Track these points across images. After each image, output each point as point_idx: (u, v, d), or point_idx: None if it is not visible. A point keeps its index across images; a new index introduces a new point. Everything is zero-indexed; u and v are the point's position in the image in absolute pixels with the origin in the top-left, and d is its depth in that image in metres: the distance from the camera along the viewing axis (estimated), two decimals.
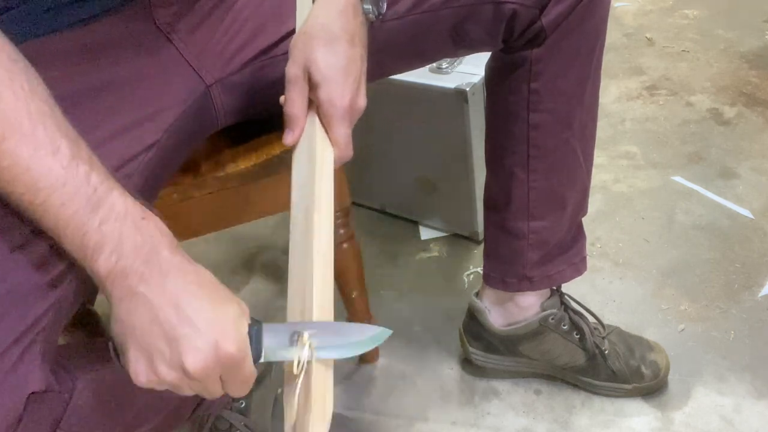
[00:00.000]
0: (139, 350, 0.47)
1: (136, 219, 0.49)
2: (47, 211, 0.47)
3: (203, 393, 0.50)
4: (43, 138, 0.47)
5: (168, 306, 0.47)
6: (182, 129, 0.67)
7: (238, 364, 0.49)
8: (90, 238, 0.47)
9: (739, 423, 0.92)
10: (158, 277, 0.47)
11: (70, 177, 0.47)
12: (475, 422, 0.97)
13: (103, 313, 1.26)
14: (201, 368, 0.47)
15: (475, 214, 1.22)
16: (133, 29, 0.66)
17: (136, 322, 0.47)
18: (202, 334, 0.47)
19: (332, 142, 0.62)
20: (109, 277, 0.47)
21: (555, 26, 0.71)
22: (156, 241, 0.49)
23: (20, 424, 0.47)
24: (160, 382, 0.48)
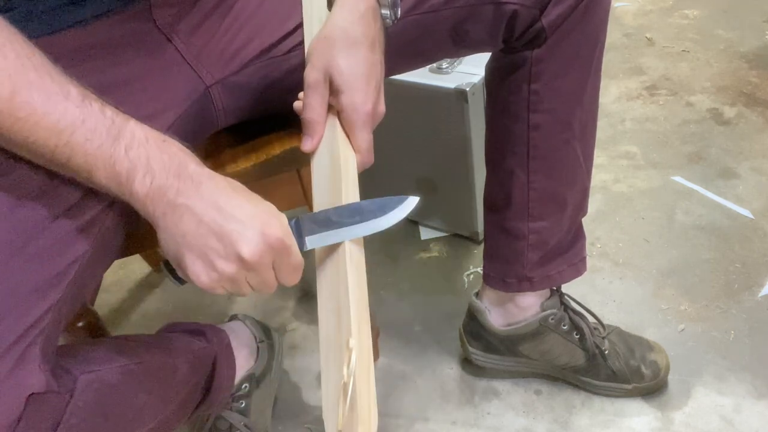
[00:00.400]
0: (194, 253, 0.51)
1: (158, 141, 0.52)
2: (74, 150, 0.49)
3: (260, 285, 0.54)
4: (52, 85, 0.49)
5: (210, 208, 0.51)
6: (182, 129, 0.67)
7: (287, 248, 0.53)
8: (120, 165, 0.50)
9: (739, 423, 0.92)
10: (193, 187, 0.51)
11: (86, 114, 0.50)
12: (475, 422, 0.97)
13: (103, 313, 1.26)
14: (255, 253, 0.51)
15: (475, 214, 1.22)
16: (134, 30, 0.66)
17: (184, 229, 0.51)
18: (248, 225, 0.51)
19: (354, 148, 0.62)
20: (148, 196, 0.51)
21: (555, 27, 0.71)
22: (181, 157, 0.52)
23: (20, 425, 0.47)
24: (220, 277, 0.51)
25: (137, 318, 1.26)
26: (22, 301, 0.49)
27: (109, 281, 1.35)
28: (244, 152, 0.77)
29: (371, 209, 0.58)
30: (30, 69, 0.49)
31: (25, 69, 0.49)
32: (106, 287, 1.33)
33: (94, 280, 0.62)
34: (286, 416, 1.02)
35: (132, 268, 1.37)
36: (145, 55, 0.67)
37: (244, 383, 0.91)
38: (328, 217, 0.57)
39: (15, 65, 0.48)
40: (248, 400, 0.92)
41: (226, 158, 0.77)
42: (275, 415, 1.01)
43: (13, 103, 0.48)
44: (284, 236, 0.53)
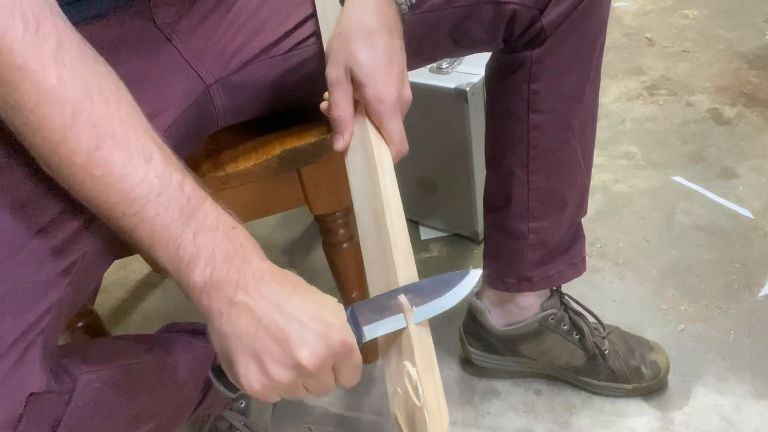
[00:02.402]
0: (248, 357, 0.47)
1: (228, 229, 0.49)
2: (141, 222, 0.46)
3: (318, 390, 0.50)
4: (136, 144, 0.46)
5: (270, 309, 0.47)
6: (182, 129, 0.67)
7: (350, 351, 0.49)
8: (185, 250, 0.47)
9: (739, 423, 0.92)
10: (254, 283, 0.47)
11: (164, 186, 0.46)
12: (475, 422, 0.97)
13: (103, 313, 1.26)
14: (316, 360, 0.46)
15: (475, 214, 1.22)
16: (133, 29, 0.66)
17: (240, 330, 0.46)
18: (310, 328, 0.47)
19: (386, 139, 0.61)
20: (206, 288, 0.47)
21: (555, 27, 0.71)
22: (246, 250, 0.48)
23: (20, 425, 0.47)
24: (275, 385, 0.47)
25: (137, 318, 1.26)
26: (22, 301, 0.49)
27: (109, 281, 1.35)
28: (244, 152, 0.77)
29: (431, 288, 0.54)
30: (116, 121, 0.45)
31: (112, 121, 0.45)
32: (106, 287, 1.33)
33: (94, 280, 0.61)
34: (286, 416, 1.02)
35: (132, 268, 1.37)
36: (144, 54, 0.66)
37: None
38: (387, 302, 0.52)
39: (102, 114, 0.45)
40: (248, 400, 0.92)
41: (226, 158, 0.77)
42: (275, 415, 1.01)
43: (92, 158, 0.45)
44: (347, 337, 0.48)
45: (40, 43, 0.44)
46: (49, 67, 0.44)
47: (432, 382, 0.50)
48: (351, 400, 1.04)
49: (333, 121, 0.62)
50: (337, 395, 1.05)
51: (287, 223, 1.40)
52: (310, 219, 1.38)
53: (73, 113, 0.44)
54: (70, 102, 0.44)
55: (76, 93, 0.44)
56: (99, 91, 0.46)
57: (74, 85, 0.44)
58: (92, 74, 0.46)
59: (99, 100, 0.45)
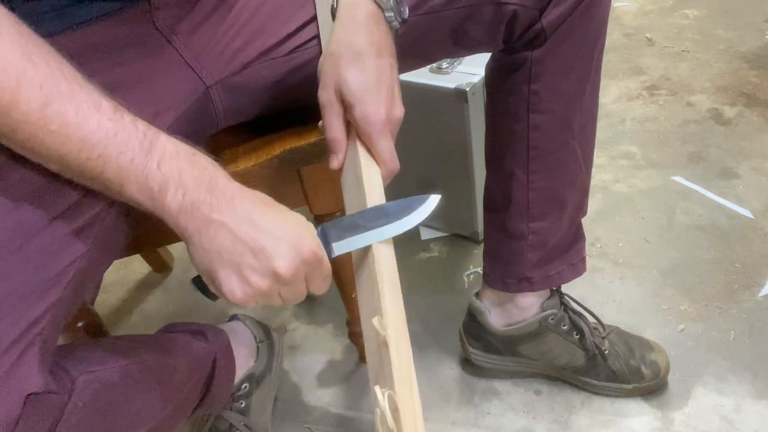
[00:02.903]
0: (229, 269, 0.51)
1: (188, 155, 0.52)
2: (107, 163, 0.49)
3: (291, 297, 0.54)
4: (83, 96, 0.49)
5: (244, 224, 0.51)
6: (182, 130, 0.67)
7: (320, 260, 0.54)
8: (153, 179, 0.50)
9: (739, 423, 0.92)
10: (225, 202, 0.51)
11: (119, 127, 0.49)
12: (475, 422, 0.97)
13: (103, 313, 1.26)
14: (291, 269, 0.51)
15: (475, 214, 1.22)
16: (134, 31, 0.66)
17: (219, 245, 0.51)
18: (283, 240, 0.51)
19: (377, 159, 0.62)
20: (181, 211, 0.51)
21: (555, 27, 0.71)
22: (212, 171, 0.52)
23: (18, 425, 0.46)
24: (255, 292, 0.52)
25: (137, 318, 1.26)
26: (20, 302, 0.49)
27: (109, 281, 1.35)
28: (244, 152, 0.77)
29: (395, 210, 0.59)
30: (60, 79, 0.48)
31: (56, 79, 0.48)
32: (106, 287, 1.33)
33: (94, 281, 0.61)
34: (286, 416, 1.02)
35: (132, 268, 1.37)
36: (145, 56, 0.66)
37: (244, 383, 0.91)
38: (354, 222, 0.57)
39: (45, 74, 0.47)
40: (248, 400, 0.92)
41: (226, 158, 0.77)
42: (275, 415, 1.01)
43: (44, 114, 0.47)
44: (317, 249, 0.53)
45: None
46: None
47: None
48: (351, 400, 1.04)
49: (327, 141, 0.63)
50: (337, 395, 1.05)
51: None
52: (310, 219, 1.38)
53: (17, 76, 0.46)
54: (12, 67, 0.46)
55: (17, 58, 0.46)
56: (38, 55, 0.48)
57: (13, 52, 0.46)
58: (30, 41, 0.48)
59: (40, 62, 0.47)
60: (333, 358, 1.11)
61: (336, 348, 1.13)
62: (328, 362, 1.10)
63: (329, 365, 1.10)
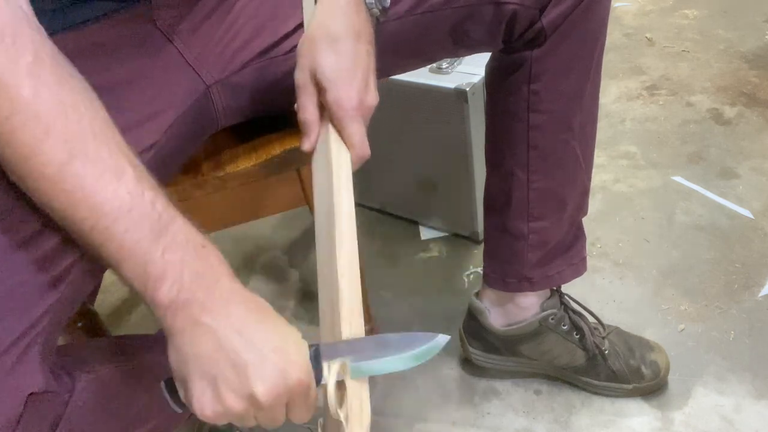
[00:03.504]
0: (204, 380, 0.46)
1: (198, 247, 0.48)
2: (110, 238, 0.46)
3: (267, 422, 0.49)
4: (108, 161, 0.46)
5: (233, 334, 0.46)
6: (182, 129, 0.67)
7: (306, 391, 0.48)
8: (153, 267, 0.46)
9: (739, 423, 0.92)
10: (220, 306, 0.47)
11: (135, 203, 0.46)
12: (475, 422, 0.97)
13: (103, 313, 1.26)
14: (271, 395, 0.46)
15: (475, 214, 1.22)
16: (134, 30, 0.66)
17: (200, 351, 0.46)
18: (270, 361, 0.46)
19: (347, 144, 0.61)
20: (171, 307, 0.46)
21: (555, 27, 0.71)
22: (216, 270, 0.48)
23: (19, 425, 0.46)
24: (226, 412, 0.46)
25: (137, 318, 1.26)
26: (21, 302, 0.49)
27: (109, 281, 1.34)
28: (244, 152, 0.77)
29: (397, 344, 0.52)
30: (89, 137, 0.45)
31: (85, 136, 0.45)
32: (106, 287, 1.33)
33: (94, 281, 0.61)
34: None
35: None
36: (145, 55, 0.66)
37: None
38: (351, 348, 0.51)
39: (75, 130, 0.45)
40: None
41: (226, 158, 0.77)
42: None
43: (63, 172, 0.44)
44: (305, 377, 0.47)
45: (15, 56, 0.44)
46: (24, 81, 0.44)
47: None
48: None
49: (300, 123, 0.63)
50: None
51: (287, 223, 1.40)
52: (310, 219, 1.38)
53: (46, 127, 0.44)
54: (44, 116, 0.44)
55: (51, 108, 0.44)
56: (73, 107, 0.45)
57: (49, 99, 0.44)
58: (67, 89, 0.46)
59: (73, 115, 0.45)
60: None
61: None
62: None
63: None
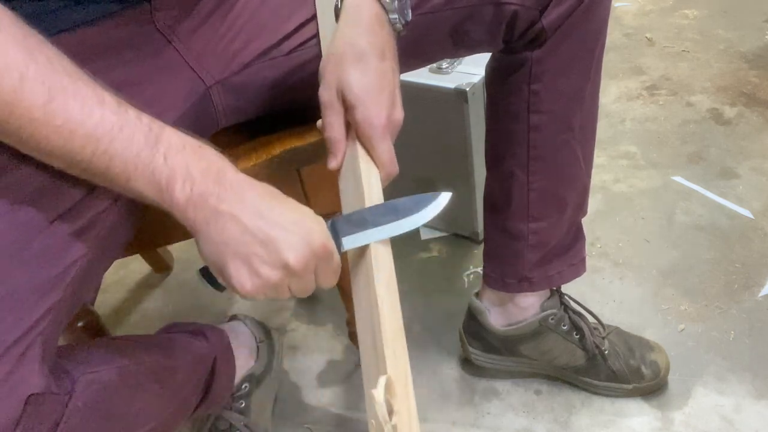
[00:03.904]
0: (238, 261, 0.50)
1: (195, 148, 0.51)
2: (112, 158, 0.48)
3: (300, 290, 0.54)
4: (87, 92, 0.48)
5: (253, 216, 0.50)
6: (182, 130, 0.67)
7: (330, 253, 0.53)
8: (160, 173, 0.49)
9: (739, 423, 0.92)
10: (234, 194, 0.51)
11: (123, 121, 0.49)
12: (475, 422, 0.97)
13: (103, 313, 1.26)
14: (301, 261, 0.51)
15: (475, 214, 1.22)
16: (134, 32, 0.66)
17: (228, 237, 0.50)
18: (293, 232, 0.51)
19: (376, 162, 0.62)
20: (189, 204, 0.50)
21: (555, 27, 0.71)
22: (219, 164, 0.52)
23: (19, 426, 0.46)
24: (265, 284, 0.51)
25: (137, 318, 1.26)
26: (21, 302, 0.49)
27: (109, 281, 1.35)
28: (244, 152, 0.77)
29: (405, 207, 0.58)
30: (63, 74, 0.47)
31: (59, 75, 0.47)
32: (106, 287, 1.33)
33: (95, 281, 0.61)
34: (286, 416, 1.02)
35: (132, 268, 1.37)
36: (145, 56, 0.66)
37: (244, 383, 0.91)
38: (363, 217, 0.57)
39: (48, 70, 0.47)
40: (248, 400, 0.92)
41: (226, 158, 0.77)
42: (275, 415, 1.01)
43: (48, 110, 0.46)
44: (327, 242, 0.53)
45: None
46: None
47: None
48: (351, 400, 1.04)
49: (326, 141, 0.63)
50: (336, 395, 1.05)
51: None
52: None
53: (20, 74, 0.46)
54: (15, 64, 0.46)
55: (19, 55, 0.46)
56: (40, 52, 0.47)
57: (15, 49, 0.46)
58: (31, 39, 0.48)
59: (42, 59, 0.47)
60: (333, 358, 1.11)
61: (336, 348, 1.13)
62: (328, 362, 1.10)
63: (329, 365, 1.10)
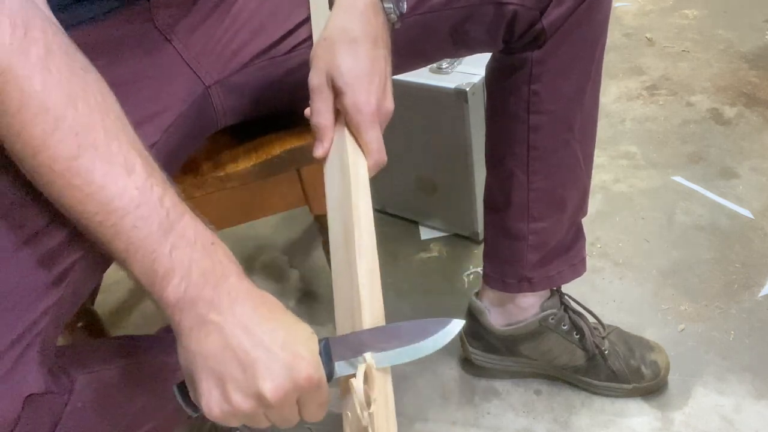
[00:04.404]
0: (211, 379, 0.45)
1: (206, 244, 0.48)
2: (118, 234, 0.45)
3: (279, 422, 0.48)
4: (118, 155, 0.46)
5: (240, 331, 0.45)
6: (181, 130, 0.67)
7: (317, 386, 0.47)
8: (160, 264, 0.46)
9: (739, 423, 0.92)
10: (228, 303, 0.46)
11: (144, 199, 0.46)
12: (475, 422, 0.97)
13: (103, 313, 1.26)
14: (279, 393, 0.45)
15: (475, 214, 1.22)
16: (133, 30, 0.66)
17: (207, 350, 0.45)
18: (277, 358, 0.45)
19: (364, 150, 0.60)
20: (178, 305, 0.46)
21: (555, 28, 0.71)
22: (224, 267, 0.48)
23: (18, 426, 0.46)
24: (235, 412, 0.46)
25: (137, 318, 1.26)
26: (20, 302, 0.49)
27: (109, 281, 1.35)
28: (244, 152, 0.77)
29: (410, 333, 0.51)
30: (99, 130, 0.45)
31: (95, 130, 0.45)
32: (106, 287, 1.33)
33: (94, 281, 0.61)
34: None
35: None
36: (144, 55, 0.66)
37: None
38: (362, 341, 0.49)
39: (85, 123, 0.44)
40: None
41: (226, 158, 0.77)
42: None
43: (71, 167, 0.44)
44: (314, 373, 0.46)
45: (27, 47, 0.44)
46: (35, 73, 0.44)
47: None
48: None
49: (313, 128, 0.61)
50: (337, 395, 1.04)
51: (287, 223, 1.40)
52: (310, 219, 1.38)
53: (56, 120, 0.44)
54: (53, 109, 0.44)
55: (60, 100, 0.44)
56: (84, 99, 0.45)
57: (59, 92, 0.44)
58: (78, 82, 0.46)
59: (83, 108, 0.45)
60: None
61: None
62: None
63: None
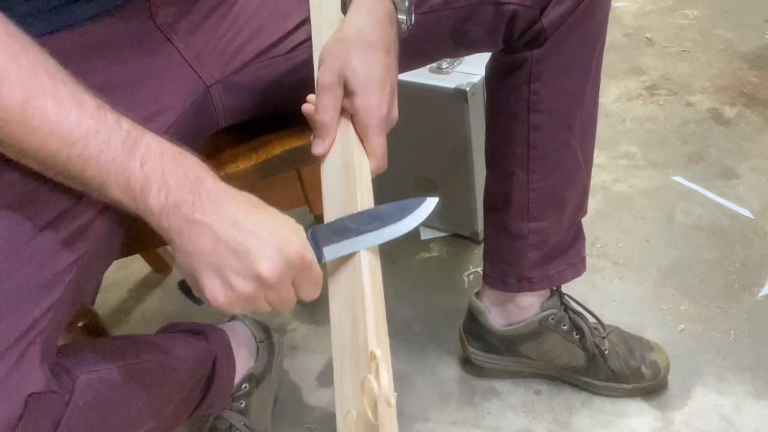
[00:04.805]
0: (211, 272, 0.49)
1: (174, 154, 0.50)
2: (87, 162, 0.48)
3: (279, 303, 0.51)
4: (66, 93, 0.48)
5: (227, 225, 0.49)
6: (182, 129, 0.67)
7: (308, 264, 0.51)
8: (135, 179, 0.48)
9: (739, 423, 0.92)
10: (209, 202, 0.49)
11: (101, 125, 0.48)
12: (475, 422, 0.97)
13: (103, 313, 1.26)
14: (276, 271, 0.49)
15: (475, 214, 1.22)
16: (133, 29, 0.66)
17: (201, 247, 0.49)
18: (268, 241, 0.49)
19: (368, 153, 0.61)
20: (163, 212, 0.49)
21: (555, 27, 0.71)
22: (197, 171, 0.51)
23: (20, 425, 0.47)
24: (238, 297, 0.49)
25: (137, 318, 1.26)
26: (21, 302, 0.49)
27: (109, 281, 1.35)
28: (244, 152, 0.77)
29: (389, 213, 0.55)
30: (44, 76, 0.48)
31: (39, 76, 0.47)
32: (106, 287, 1.33)
33: (94, 281, 0.62)
34: (286, 416, 1.02)
35: (132, 268, 1.37)
36: (144, 54, 0.66)
37: (244, 383, 0.91)
38: (345, 225, 0.54)
39: (29, 72, 0.47)
40: (248, 400, 0.92)
41: (226, 158, 0.77)
42: (275, 415, 1.01)
43: (25, 111, 0.46)
44: (304, 251, 0.50)
45: None
46: None
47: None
48: None
49: (316, 125, 0.61)
50: None
51: None
52: (310, 219, 1.38)
53: (1, 76, 0.46)
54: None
55: (2, 57, 0.47)
56: (24, 54, 0.48)
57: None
58: (16, 40, 0.48)
59: (24, 62, 0.47)
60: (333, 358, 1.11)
61: None
62: (328, 362, 1.10)
63: (329, 365, 1.10)
